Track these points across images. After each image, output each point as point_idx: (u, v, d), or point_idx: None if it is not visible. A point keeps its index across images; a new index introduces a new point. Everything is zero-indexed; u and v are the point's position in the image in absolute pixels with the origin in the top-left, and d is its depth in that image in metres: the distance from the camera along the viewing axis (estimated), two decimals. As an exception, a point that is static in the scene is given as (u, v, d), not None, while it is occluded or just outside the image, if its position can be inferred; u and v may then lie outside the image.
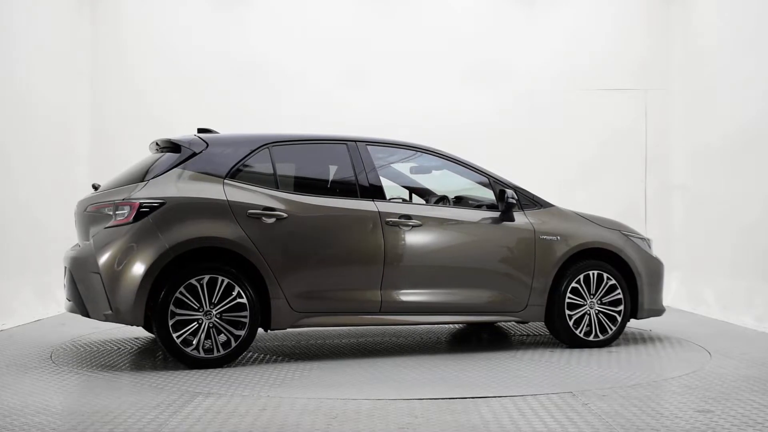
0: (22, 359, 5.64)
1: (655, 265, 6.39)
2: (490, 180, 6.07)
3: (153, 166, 5.50)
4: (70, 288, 5.52)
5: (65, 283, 5.65)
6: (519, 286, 5.91)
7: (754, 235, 7.76)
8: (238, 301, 5.27)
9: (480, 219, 5.95)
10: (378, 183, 5.79)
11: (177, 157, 5.49)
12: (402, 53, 9.78)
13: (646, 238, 6.51)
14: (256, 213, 5.39)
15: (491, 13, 9.92)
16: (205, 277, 5.21)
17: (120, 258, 5.15)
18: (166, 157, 5.54)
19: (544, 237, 5.98)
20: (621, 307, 6.10)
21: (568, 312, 5.97)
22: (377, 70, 9.73)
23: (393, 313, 5.67)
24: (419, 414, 4.08)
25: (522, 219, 6.00)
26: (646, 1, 9.95)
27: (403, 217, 5.70)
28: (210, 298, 5.22)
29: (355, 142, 5.88)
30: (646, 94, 9.81)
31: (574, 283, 5.99)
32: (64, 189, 8.69)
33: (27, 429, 3.78)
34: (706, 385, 4.79)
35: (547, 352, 5.91)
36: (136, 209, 5.20)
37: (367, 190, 5.74)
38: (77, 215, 5.75)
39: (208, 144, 5.57)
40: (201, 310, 5.20)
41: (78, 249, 5.56)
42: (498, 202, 5.97)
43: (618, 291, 6.10)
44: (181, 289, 5.16)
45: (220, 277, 5.23)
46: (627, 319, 6.17)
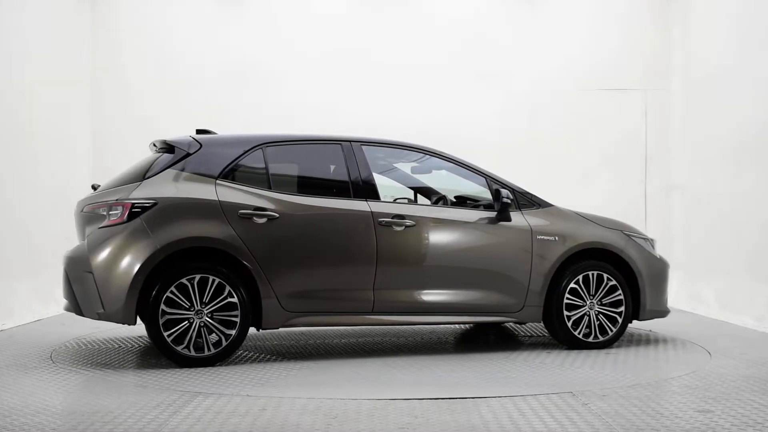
0: (22, 359, 5.65)
1: (658, 265, 6.32)
2: (487, 180, 6.05)
3: (149, 166, 5.56)
4: (65, 287, 5.60)
5: (62, 283, 5.71)
6: (515, 287, 5.87)
7: (754, 235, 7.76)
8: (229, 301, 5.32)
9: (476, 219, 5.92)
10: (372, 183, 5.78)
11: (171, 157, 5.55)
12: (402, 53, 9.77)
13: (649, 239, 6.44)
14: (247, 213, 5.43)
15: (491, 14, 9.91)
16: (196, 276, 5.26)
17: (111, 258, 5.23)
18: (161, 157, 5.60)
19: (542, 237, 5.94)
20: (622, 308, 6.05)
21: (567, 313, 5.93)
22: (377, 71, 9.71)
23: (385, 313, 5.67)
24: (419, 414, 4.08)
25: (519, 219, 5.96)
26: (647, 1, 9.95)
27: (396, 217, 5.68)
28: (201, 298, 5.27)
29: (349, 142, 5.88)
30: (646, 94, 9.81)
31: (573, 284, 5.95)
32: (64, 189, 8.69)
33: (27, 429, 3.78)
34: (706, 385, 4.79)
35: (548, 353, 5.90)
36: (129, 209, 5.27)
37: (361, 190, 5.73)
38: (76, 215, 5.81)
39: (201, 145, 5.62)
40: (192, 309, 5.26)
41: (73, 249, 5.61)
42: (494, 202, 5.93)
43: (619, 292, 6.03)
44: (172, 288, 5.22)
45: (210, 276, 5.28)
46: (628, 320, 6.11)
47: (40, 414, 4.07)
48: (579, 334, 5.95)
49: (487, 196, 6.04)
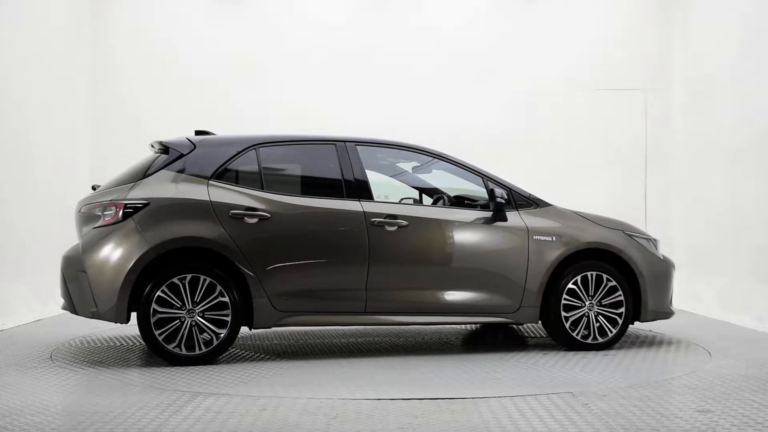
0: (22, 359, 5.65)
1: (661, 266, 6.22)
2: (483, 179, 6.00)
3: (146, 167, 5.64)
4: (62, 286, 5.68)
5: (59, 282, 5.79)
6: (510, 287, 5.82)
7: (754, 235, 7.76)
8: (221, 300, 5.36)
9: (471, 219, 5.88)
10: (365, 183, 5.76)
11: (166, 158, 5.62)
12: (402, 54, 9.77)
13: (652, 239, 6.34)
14: (239, 213, 5.46)
15: (491, 14, 9.91)
16: (187, 276, 5.32)
17: (104, 257, 5.32)
18: (158, 158, 5.67)
19: (538, 237, 5.88)
20: (622, 310, 5.97)
21: (565, 314, 5.86)
22: (377, 71, 9.71)
23: (378, 314, 5.66)
24: (419, 414, 4.08)
25: (515, 219, 5.91)
26: (647, 1, 9.95)
27: (389, 217, 5.67)
28: (192, 297, 5.32)
29: (344, 142, 5.87)
30: (646, 94, 9.81)
31: (571, 285, 5.89)
32: (64, 189, 8.69)
33: (27, 429, 3.79)
34: (706, 385, 4.79)
35: (548, 353, 5.90)
36: (122, 210, 5.35)
37: (354, 190, 5.72)
38: (76, 215, 5.87)
39: (195, 146, 5.68)
40: (183, 308, 5.31)
41: (70, 248, 5.69)
42: (489, 201, 5.89)
43: (619, 293, 5.95)
44: (163, 287, 5.28)
45: (202, 276, 5.33)
46: (629, 322, 6.02)
47: (40, 414, 4.07)
48: (577, 335, 5.90)
49: (486, 196, 6.02)
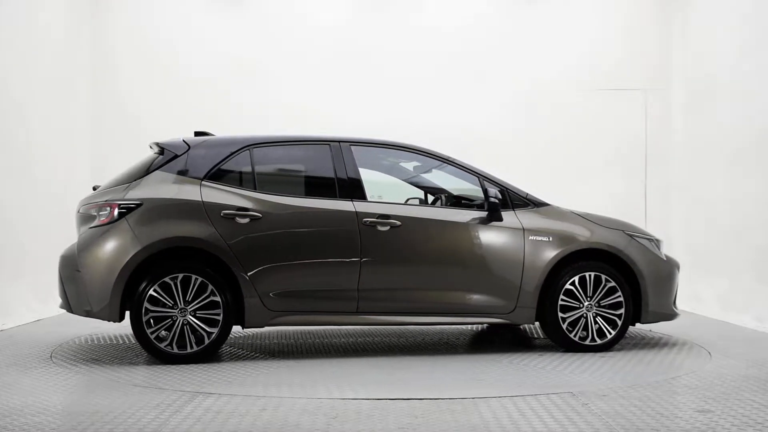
0: (22, 359, 5.65)
1: (663, 266, 6.09)
2: (479, 179, 5.95)
3: (143, 168, 5.71)
4: (59, 285, 5.76)
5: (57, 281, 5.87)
6: (506, 288, 5.77)
7: (755, 235, 7.76)
8: (212, 299, 5.41)
9: (465, 219, 5.83)
10: (359, 183, 5.75)
11: (161, 159, 5.68)
12: (402, 54, 9.76)
13: (654, 239, 6.19)
14: (230, 213, 5.50)
15: (491, 14, 9.91)
16: (179, 275, 5.38)
17: (97, 257, 5.42)
18: (155, 159, 5.73)
19: (534, 237, 5.82)
20: (621, 311, 5.88)
21: (562, 315, 5.79)
22: (377, 72, 9.71)
23: (370, 314, 5.66)
24: (419, 414, 4.08)
25: (511, 219, 5.85)
26: (647, 1, 9.95)
27: (381, 217, 5.66)
28: (184, 297, 5.38)
29: (338, 142, 5.86)
30: (646, 94, 9.81)
31: (569, 285, 5.81)
32: (64, 189, 8.69)
33: (27, 429, 3.79)
34: (706, 385, 4.79)
35: (548, 354, 5.90)
36: (116, 210, 5.44)
37: (347, 190, 5.72)
38: (76, 215, 5.93)
39: (189, 147, 5.73)
40: (175, 307, 5.37)
41: (67, 248, 5.75)
42: (484, 201, 5.85)
43: (618, 293, 5.86)
44: (155, 286, 5.34)
45: (193, 276, 5.38)
46: (629, 323, 5.92)
47: (40, 414, 4.07)
48: (575, 336, 5.83)
49: (483, 196, 5.99)
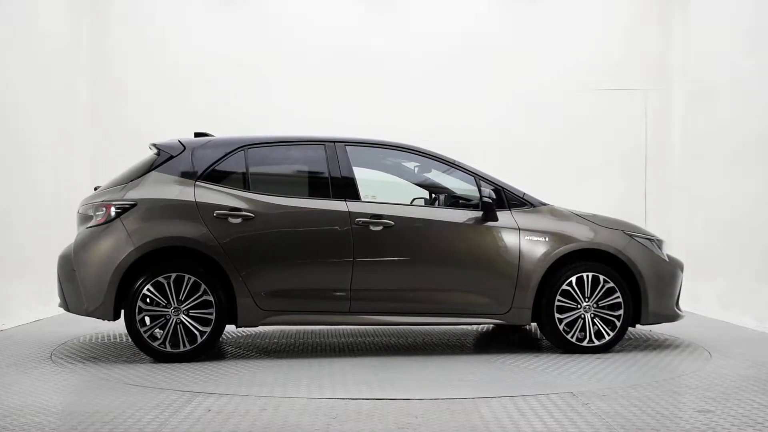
0: (22, 359, 5.66)
1: (665, 267, 5.99)
2: (475, 179, 5.91)
3: (141, 168, 5.77)
4: (58, 285, 5.82)
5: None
6: (500, 288, 5.73)
7: (755, 235, 7.76)
8: (205, 299, 5.46)
9: (460, 219, 5.80)
10: (352, 183, 5.76)
11: (157, 160, 5.75)
12: (402, 55, 9.77)
13: (655, 239, 6.10)
14: (223, 213, 5.54)
15: (491, 14, 9.91)
16: (172, 275, 5.44)
17: (92, 257, 5.51)
18: (152, 160, 5.80)
19: (530, 237, 5.77)
20: (620, 312, 5.80)
21: (559, 315, 5.73)
22: (377, 72, 9.71)
23: (363, 314, 5.66)
24: (419, 414, 4.08)
25: (507, 218, 5.80)
26: (647, 1, 9.95)
27: (374, 217, 5.65)
28: (177, 296, 5.43)
29: (333, 142, 5.87)
30: (646, 94, 9.81)
31: (566, 286, 5.74)
32: (64, 189, 8.70)
33: (27, 429, 3.79)
34: (706, 385, 4.79)
35: (549, 354, 5.89)
36: (111, 210, 5.53)
37: (340, 190, 5.73)
38: (77, 215, 5.97)
39: (185, 147, 5.79)
40: (168, 306, 5.44)
41: (65, 248, 5.81)
42: (479, 201, 5.81)
43: (617, 294, 5.78)
44: (148, 286, 5.41)
45: (186, 275, 5.44)
46: (628, 324, 5.83)
47: (40, 414, 4.07)
48: (572, 337, 5.77)
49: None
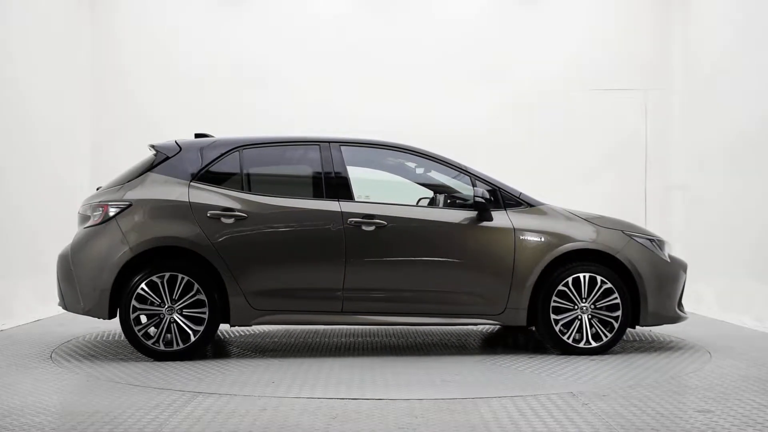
0: (22, 359, 5.66)
1: (666, 268, 5.90)
2: (471, 178, 5.88)
3: (139, 169, 5.84)
4: (57, 284, 5.88)
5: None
6: (495, 289, 5.69)
7: (755, 235, 7.76)
8: (198, 298, 5.52)
9: (454, 219, 5.76)
10: (345, 183, 5.76)
11: (154, 160, 5.82)
12: (402, 54, 9.77)
13: (656, 239, 6.02)
14: (216, 213, 5.58)
15: (491, 14, 9.92)
16: (166, 274, 5.50)
17: (88, 256, 5.60)
18: (150, 161, 5.85)
19: (525, 237, 5.72)
20: (618, 313, 5.73)
21: (554, 316, 5.67)
22: (378, 72, 9.71)
23: (355, 314, 5.67)
24: (419, 414, 4.08)
25: (502, 218, 5.76)
26: (647, 1, 9.95)
27: (366, 217, 5.65)
28: (171, 295, 5.50)
29: (328, 143, 5.88)
30: (646, 94, 9.81)
31: (562, 286, 5.69)
32: (65, 190, 8.70)
33: (27, 429, 3.79)
34: (706, 385, 4.79)
35: (549, 354, 5.89)
36: (107, 211, 5.61)
37: (333, 190, 5.74)
38: (78, 215, 6.02)
39: (181, 148, 5.84)
40: (162, 305, 5.50)
41: (65, 248, 5.86)
42: (473, 200, 5.76)
43: (615, 295, 5.71)
44: (142, 285, 5.49)
45: (179, 275, 5.50)
46: (626, 325, 5.75)
47: (40, 414, 4.07)
48: (569, 339, 5.71)
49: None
